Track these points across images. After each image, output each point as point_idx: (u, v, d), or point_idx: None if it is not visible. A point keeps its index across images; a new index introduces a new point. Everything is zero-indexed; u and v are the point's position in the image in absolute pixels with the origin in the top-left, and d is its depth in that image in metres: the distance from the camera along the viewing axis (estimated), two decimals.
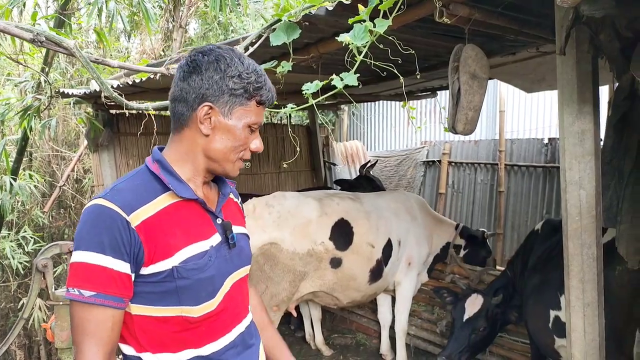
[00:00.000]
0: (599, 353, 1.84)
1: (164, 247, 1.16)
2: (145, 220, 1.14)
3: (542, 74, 4.00)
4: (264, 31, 2.46)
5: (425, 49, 3.27)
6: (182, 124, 1.23)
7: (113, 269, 1.10)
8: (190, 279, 1.17)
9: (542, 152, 5.64)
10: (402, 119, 8.52)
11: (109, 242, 1.09)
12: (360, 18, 1.93)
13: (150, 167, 1.23)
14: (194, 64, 1.20)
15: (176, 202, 1.21)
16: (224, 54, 1.20)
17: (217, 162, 1.25)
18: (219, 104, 1.20)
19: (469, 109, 2.30)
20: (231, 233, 1.29)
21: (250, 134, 1.26)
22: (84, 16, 4.77)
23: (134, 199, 1.15)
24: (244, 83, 1.20)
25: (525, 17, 2.46)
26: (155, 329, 1.19)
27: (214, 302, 1.23)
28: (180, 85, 1.21)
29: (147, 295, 1.17)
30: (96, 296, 1.09)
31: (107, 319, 1.12)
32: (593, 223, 1.82)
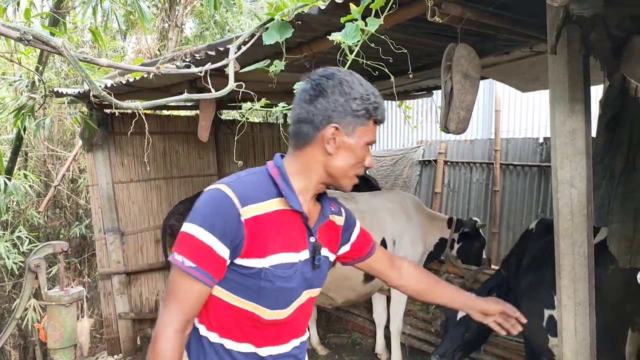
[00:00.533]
0: (590, 352, 1.84)
1: (261, 246, 1.25)
2: (254, 216, 1.24)
3: (536, 73, 4.00)
4: (257, 30, 2.45)
5: (419, 48, 3.26)
6: (305, 143, 1.32)
7: (215, 251, 1.21)
8: (273, 284, 1.27)
9: (537, 152, 5.65)
10: (398, 118, 8.51)
11: (220, 225, 1.21)
12: (352, 17, 1.93)
13: (270, 171, 1.33)
14: (319, 88, 1.29)
15: (283, 209, 1.30)
16: (345, 78, 1.30)
17: (336, 178, 1.35)
18: (343, 125, 1.29)
19: (461, 109, 2.30)
20: (319, 255, 1.38)
21: (366, 151, 1.35)
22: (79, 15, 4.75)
23: (250, 194, 1.26)
24: (365, 104, 1.29)
25: (517, 16, 2.46)
26: (228, 316, 1.30)
27: (285, 312, 1.33)
28: (306, 108, 1.30)
29: (232, 283, 1.27)
30: (195, 269, 1.21)
31: (196, 291, 1.23)
32: (584, 222, 1.82)
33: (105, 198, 4.86)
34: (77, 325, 3.06)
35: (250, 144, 6.30)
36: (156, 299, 5.35)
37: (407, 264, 1.76)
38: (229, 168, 6.06)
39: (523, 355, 3.59)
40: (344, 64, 2.00)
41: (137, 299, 5.20)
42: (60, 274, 3.12)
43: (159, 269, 5.26)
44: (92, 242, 7.36)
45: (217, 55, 2.72)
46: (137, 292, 5.20)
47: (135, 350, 5.00)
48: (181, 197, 5.40)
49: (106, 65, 1.84)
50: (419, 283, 1.72)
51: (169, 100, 2.05)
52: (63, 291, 2.95)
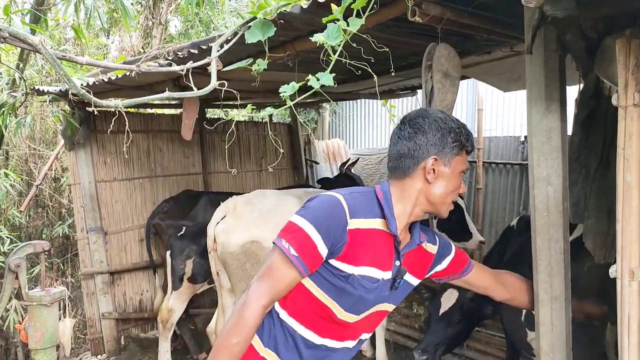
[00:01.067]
0: (566, 345, 1.88)
1: (355, 256, 1.42)
2: (357, 229, 1.42)
3: (518, 73, 4.06)
4: (240, 29, 2.45)
5: (402, 48, 3.29)
6: (405, 174, 1.49)
7: (317, 247, 1.37)
8: (356, 290, 1.44)
9: (518, 150, 5.74)
10: (383, 117, 8.56)
11: (327, 228, 1.37)
12: (334, 17, 1.94)
13: (378, 193, 1.51)
14: (417, 126, 1.48)
15: (383, 230, 1.47)
16: (439, 116, 1.50)
17: (435, 205, 1.51)
18: (441, 156, 1.46)
19: (441, 107, 2.33)
20: (400, 279, 1.54)
21: (460, 179, 1.53)
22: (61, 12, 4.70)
23: (359, 209, 1.44)
24: (458, 137, 1.48)
25: (496, 16, 2.50)
26: (305, 302, 1.46)
27: (355, 317, 1.50)
28: (407, 145, 1.48)
29: (320, 278, 1.43)
30: (297, 258, 1.36)
31: (290, 277, 1.39)
32: (560, 218, 1.86)
33: (87, 197, 4.81)
34: (59, 326, 3.03)
35: (235, 143, 6.29)
36: (140, 299, 5.31)
37: (509, 275, 1.94)
38: (214, 166, 6.04)
39: (505, 350, 3.65)
40: (328, 64, 2.02)
41: (121, 299, 5.16)
42: (42, 274, 3.09)
43: (143, 268, 5.23)
44: (75, 242, 7.28)
45: (200, 54, 2.72)
46: (120, 292, 5.16)
47: (119, 350, 4.96)
48: (165, 196, 5.36)
49: (86, 63, 1.83)
50: (525, 293, 1.91)
51: (151, 98, 2.05)
52: (44, 291, 2.92)
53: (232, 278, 3.47)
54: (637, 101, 1.39)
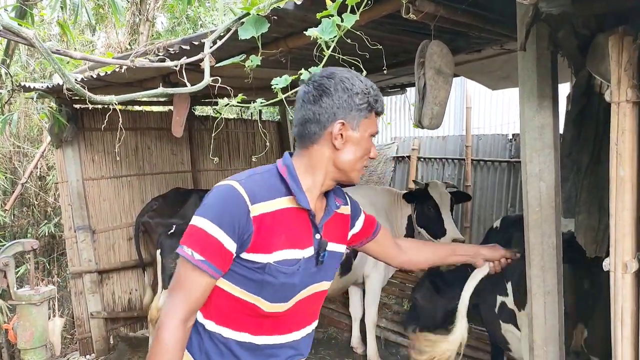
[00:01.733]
0: (559, 338, 1.91)
1: (267, 243, 1.30)
2: (262, 214, 1.29)
3: (507, 71, 4.10)
4: (232, 25, 2.44)
5: (394, 45, 3.30)
6: (312, 142, 1.37)
7: (223, 245, 1.25)
8: (276, 279, 1.32)
9: (506, 148, 5.79)
10: None
11: (228, 221, 1.25)
12: (328, 13, 1.94)
13: (280, 169, 1.38)
14: (322, 88, 1.35)
15: (292, 207, 1.35)
16: (345, 75, 1.37)
17: (345, 172, 1.40)
18: (349, 120, 1.35)
19: (434, 104, 2.34)
20: (323, 251, 1.43)
21: (371, 142, 1.42)
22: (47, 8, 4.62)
23: (260, 192, 1.30)
24: (367, 98, 1.36)
25: (488, 14, 2.52)
26: (228, 305, 1.35)
27: (285, 306, 1.38)
28: (312, 109, 1.36)
29: (235, 275, 1.32)
30: (203, 262, 1.25)
31: (202, 283, 1.28)
32: (552, 214, 1.88)
33: (75, 195, 4.75)
34: (49, 325, 2.99)
35: (224, 140, 6.26)
36: (129, 298, 5.27)
37: (404, 239, 1.91)
38: (203, 164, 6.01)
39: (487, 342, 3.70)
40: (321, 60, 2.02)
41: (110, 298, 5.11)
42: (30, 273, 3.04)
43: (131, 267, 5.19)
44: (62, 241, 7.18)
45: (191, 50, 2.69)
46: (109, 291, 5.11)
47: (108, 349, 4.92)
48: (154, 194, 5.32)
49: (80, 58, 1.80)
50: (421, 252, 1.85)
51: (144, 94, 2.02)
52: (33, 290, 2.88)
53: None
54: (630, 97, 1.42)
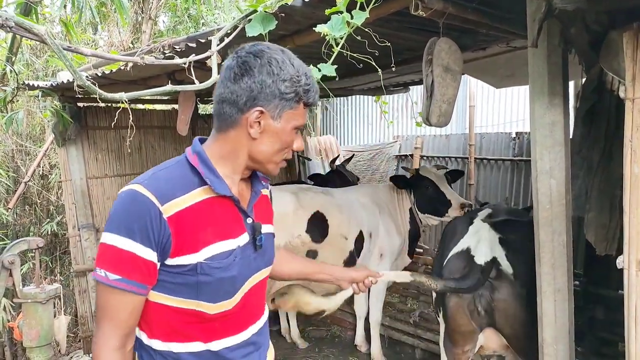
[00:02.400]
0: (569, 337, 1.91)
1: (192, 241, 1.17)
2: (178, 212, 1.15)
3: (511, 69, 4.10)
4: (240, 22, 2.43)
5: (398, 43, 3.29)
6: (228, 125, 1.22)
7: (140, 256, 1.12)
8: (212, 277, 1.19)
9: (510, 146, 5.78)
10: (375, 113, 8.58)
11: (139, 229, 1.11)
12: (338, 9, 1.93)
13: (190, 158, 1.23)
14: (246, 66, 1.18)
15: (211, 197, 1.21)
16: (275, 56, 1.19)
17: (261, 163, 1.27)
18: (270, 108, 1.20)
19: (442, 102, 2.34)
20: (259, 235, 1.31)
21: (294, 135, 1.28)
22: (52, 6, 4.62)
23: (170, 189, 1.16)
24: (295, 87, 1.20)
25: (496, 12, 2.51)
26: (169, 318, 1.22)
27: (231, 302, 1.25)
28: (230, 87, 1.19)
29: (166, 285, 1.19)
30: (121, 280, 1.12)
31: (127, 303, 1.15)
32: (563, 211, 1.88)
33: (79, 194, 4.75)
34: (54, 323, 2.99)
35: None
36: None
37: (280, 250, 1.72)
38: None
39: None
40: (329, 56, 2.01)
41: None
42: (36, 271, 3.04)
43: None
44: (64, 240, 7.18)
45: (197, 47, 2.68)
46: None
47: None
48: None
49: (90, 55, 1.80)
50: (289, 263, 1.74)
51: (154, 91, 2.02)
52: (39, 288, 2.88)
53: None
54: None
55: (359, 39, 1.97)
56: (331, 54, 2.01)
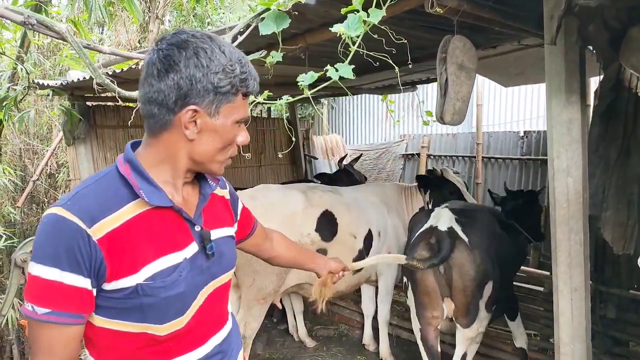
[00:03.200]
0: (586, 335, 1.90)
1: (129, 262, 1.06)
2: (109, 232, 1.03)
3: (521, 67, 4.09)
4: (252, 20, 2.43)
5: (409, 41, 3.27)
6: (160, 128, 1.09)
7: (70, 285, 1.01)
8: (156, 297, 1.08)
9: (518, 145, 5.77)
10: (381, 112, 8.57)
11: (66, 256, 1.00)
12: (354, 8, 1.93)
13: (120, 169, 1.10)
14: (169, 60, 1.04)
15: (147, 210, 1.09)
16: (202, 45, 1.06)
17: (203, 164, 1.15)
18: (204, 105, 1.07)
19: (456, 100, 2.33)
20: (209, 243, 1.19)
21: (237, 129, 1.15)
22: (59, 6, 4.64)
23: (97, 208, 1.04)
24: (230, 78, 1.07)
25: (510, 9, 2.50)
26: (118, 344, 1.12)
27: (182, 320, 1.15)
28: (155, 86, 1.05)
29: (108, 309, 1.08)
30: (50, 314, 1.01)
31: (60, 336, 1.04)
32: (580, 210, 1.87)
33: None
34: None
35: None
36: None
37: (277, 233, 1.73)
38: None
39: (509, 343, 3.69)
40: (345, 56, 2.01)
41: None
42: None
43: None
44: None
45: None
46: None
47: None
48: None
49: (109, 52, 1.80)
50: (289, 250, 1.72)
51: None
52: None
53: (238, 273, 3.45)
54: None
55: (375, 37, 1.96)
56: (347, 54, 2.01)
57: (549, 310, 3.59)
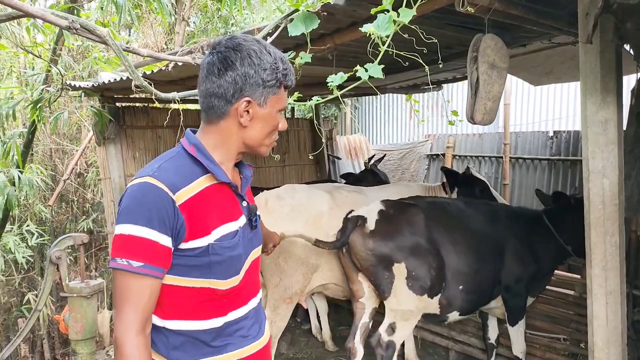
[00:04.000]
0: (622, 340, 1.86)
1: (203, 225, 1.26)
2: (187, 199, 1.24)
3: (550, 66, 4.01)
4: (281, 21, 2.45)
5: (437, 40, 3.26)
6: (218, 117, 1.31)
7: (159, 242, 1.19)
8: (222, 256, 1.29)
9: (547, 145, 5.66)
10: (405, 112, 8.52)
11: (157, 217, 1.18)
12: (384, 8, 1.92)
13: (189, 149, 1.31)
14: (227, 61, 1.26)
15: (213, 184, 1.31)
16: (253, 48, 1.27)
17: (253, 147, 1.36)
18: (256, 97, 1.28)
19: (487, 99, 2.30)
20: (255, 216, 1.43)
21: (279, 117, 1.37)
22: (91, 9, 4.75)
23: (178, 179, 1.24)
24: (275, 74, 1.29)
25: (541, 7, 2.46)
26: (183, 298, 1.30)
27: (238, 278, 1.35)
28: (216, 82, 1.27)
29: (180, 267, 1.26)
30: (144, 267, 1.18)
31: (147, 287, 1.21)
32: (616, 212, 1.83)
33: (117, 191, 4.86)
34: (98, 317, 3.07)
35: None
36: None
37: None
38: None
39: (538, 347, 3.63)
40: (374, 55, 2.00)
41: None
42: (81, 266, 3.13)
43: None
44: (99, 237, 7.38)
45: None
46: None
47: None
48: None
49: (147, 55, 1.84)
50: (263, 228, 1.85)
51: None
52: (84, 283, 2.96)
53: (265, 272, 3.48)
54: None
55: (405, 37, 1.95)
56: (376, 53, 2.00)
57: (579, 314, 3.52)
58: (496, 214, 3.31)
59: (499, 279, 3.17)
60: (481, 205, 3.44)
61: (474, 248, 3.12)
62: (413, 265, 3.01)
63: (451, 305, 3.15)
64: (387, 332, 3.17)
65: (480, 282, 3.15)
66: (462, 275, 3.10)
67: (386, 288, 3.06)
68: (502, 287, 3.20)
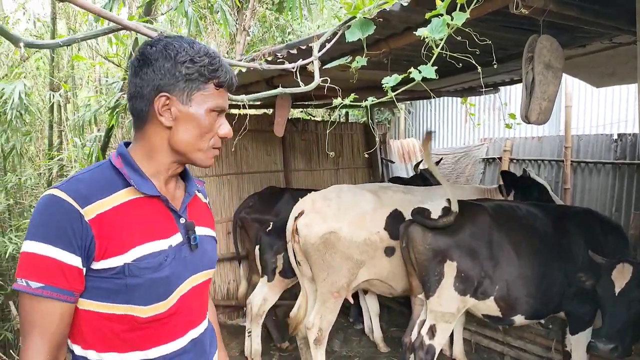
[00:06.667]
0: None
1: (118, 243, 1.13)
2: (100, 214, 1.12)
3: (612, 67, 3.91)
4: (339, 28, 2.58)
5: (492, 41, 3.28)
6: (142, 121, 1.21)
7: (62, 262, 1.08)
8: (141, 278, 1.14)
9: (611, 148, 5.45)
10: (460, 116, 8.43)
11: (59, 234, 1.08)
12: (438, 12, 2.00)
13: (113, 161, 1.20)
14: (143, 57, 1.17)
15: (137, 198, 1.19)
16: (171, 42, 1.18)
17: (185, 154, 1.22)
18: (176, 93, 1.17)
19: (542, 99, 2.32)
20: (193, 234, 1.27)
21: (215, 119, 1.23)
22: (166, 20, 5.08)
23: (90, 191, 1.13)
24: (197, 67, 1.17)
25: (598, 7, 2.45)
26: (102, 326, 1.16)
27: (165, 304, 1.20)
28: (133, 82, 1.19)
29: (95, 290, 1.14)
30: (43, 288, 1.07)
31: (53, 311, 1.09)
32: None
33: None
34: None
35: (314, 142, 6.47)
36: (227, 287, 5.62)
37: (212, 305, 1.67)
38: (294, 164, 6.25)
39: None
40: (428, 58, 2.08)
41: (210, 287, 5.45)
42: None
43: (229, 259, 5.52)
44: None
45: (298, 54, 2.88)
46: None
47: None
48: (250, 192, 5.62)
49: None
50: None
51: (268, 93, 2.23)
52: None
53: (313, 268, 3.64)
54: None
55: (459, 39, 2.02)
56: (430, 56, 2.08)
57: None
58: (568, 218, 3.25)
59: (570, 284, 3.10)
60: (553, 209, 3.40)
61: (541, 254, 3.06)
62: (465, 267, 3.03)
63: (514, 309, 3.12)
64: (428, 335, 3.17)
65: (547, 287, 3.09)
66: (525, 279, 3.06)
67: (432, 286, 3.11)
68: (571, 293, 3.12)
